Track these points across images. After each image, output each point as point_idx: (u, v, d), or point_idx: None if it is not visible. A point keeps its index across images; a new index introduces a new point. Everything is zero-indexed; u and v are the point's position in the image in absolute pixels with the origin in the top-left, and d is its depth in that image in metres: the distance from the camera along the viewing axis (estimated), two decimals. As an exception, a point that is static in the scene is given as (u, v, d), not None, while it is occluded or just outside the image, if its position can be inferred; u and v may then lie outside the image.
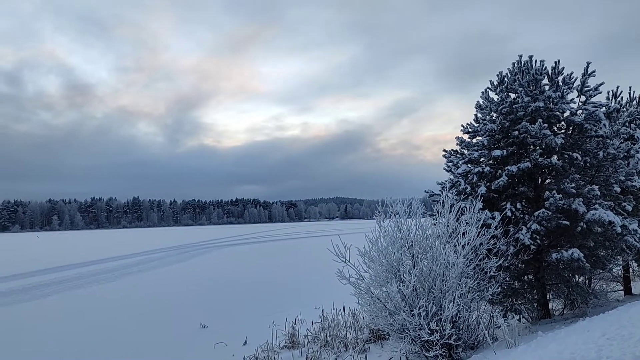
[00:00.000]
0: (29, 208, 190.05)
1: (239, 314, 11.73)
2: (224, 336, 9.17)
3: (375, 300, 6.76)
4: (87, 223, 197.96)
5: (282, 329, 8.88)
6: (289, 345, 8.14)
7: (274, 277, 19.25)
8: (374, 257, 6.94)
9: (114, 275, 21.22)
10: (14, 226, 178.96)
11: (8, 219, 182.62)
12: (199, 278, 19.83)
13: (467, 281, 6.34)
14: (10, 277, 20.97)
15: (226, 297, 14.35)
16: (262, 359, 7.28)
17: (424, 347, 6.26)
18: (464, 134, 8.65)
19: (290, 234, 70.35)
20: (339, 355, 7.34)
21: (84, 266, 25.76)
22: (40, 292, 16.45)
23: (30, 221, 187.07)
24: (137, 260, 28.94)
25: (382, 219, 7.21)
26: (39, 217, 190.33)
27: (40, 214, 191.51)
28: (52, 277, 20.60)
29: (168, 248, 41.19)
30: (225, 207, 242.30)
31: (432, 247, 6.81)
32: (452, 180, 8.20)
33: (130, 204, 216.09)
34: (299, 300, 12.83)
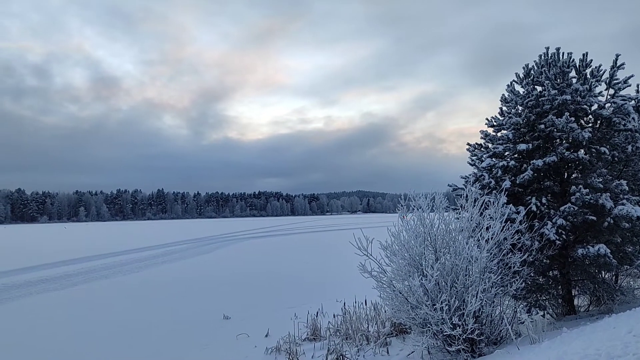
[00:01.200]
0: (57, 199, 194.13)
1: (261, 305, 11.83)
2: (246, 327, 9.27)
3: (397, 294, 6.75)
4: (112, 214, 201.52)
5: (304, 321, 8.94)
6: (311, 338, 8.20)
7: (296, 269, 19.35)
8: (396, 250, 6.93)
9: (139, 266, 21.58)
10: (42, 217, 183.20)
11: (37, 210, 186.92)
12: (222, 270, 20.05)
13: (490, 276, 6.28)
14: (40, 267, 21.51)
15: (248, 289, 14.48)
16: (284, 351, 7.33)
17: (446, 342, 6.24)
18: (489, 127, 8.56)
19: (312, 227, 70.56)
20: (361, 349, 7.36)
21: (109, 257, 26.25)
22: (68, 281, 16.83)
23: (58, 212, 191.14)
24: (161, 252, 29.37)
25: (404, 212, 7.19)
26: (66, 208, 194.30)
27: (67, 205, 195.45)
28: (79, 267, 21.05)
29: (191, 240, 41.69)
30: (248, 200, 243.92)
31: (455, 242, 6.76)
32: (476, 174, 8.12)
33: (155, 196, 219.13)
34: (321, 293, 12.89)
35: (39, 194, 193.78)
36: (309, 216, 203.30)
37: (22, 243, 44.46)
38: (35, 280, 17.22)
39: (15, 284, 16.21)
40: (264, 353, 7.59)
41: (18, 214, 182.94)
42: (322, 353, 7.14)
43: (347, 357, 6.83)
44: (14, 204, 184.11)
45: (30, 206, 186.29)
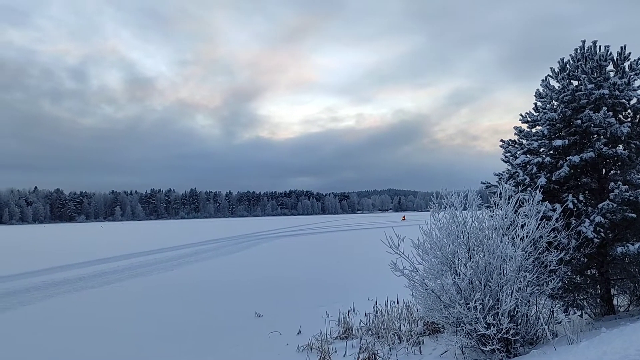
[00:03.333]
0: (94, 199, 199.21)
1: (292, 303, 11.88)
2: (278, 325, 9.32)
3: (429, 293, 6.69)
4: (147, 214, 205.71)
5: (336, 319, 8.94)
6: (343, 336, 8.19)
7: (327, 268, 19.37)
8: (428, 249, 6.86)
9: (172, 264, 21.96)
10: (80, 216, 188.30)
11: (75, 209, 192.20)
12: (254, 268, 20.22)
13: (525, 275, 6.16)
14: (79, 265, 22.10)
15: (280, 287, 14.57)
16: (315, 349, 7.35)
17: (480, 341, 6.15)
18: (523, 123, 8.39)
19: (343, 225, 70.51)
20: (393, 347, 7.32)
21: (143, 256, 26.78)
22: (104, 279, 17.25)
23: (94, 212, 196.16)
24: (194, 250, 29.81)
25: (436, 210, 7.12)
26: (102, 207, 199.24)
27: (104, 205, 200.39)
28: (115, 266, 21.55)
29: (224, 239, 42.19)
30: (279, 198, 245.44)
31: (489, 240, 6.66)
32: (509, 171, 7.97)
33: (188, 196, 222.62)
34: (352, 291, 12.87)
35: (77, 194, 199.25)
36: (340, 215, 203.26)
37: (61, 242, 45.80)
38: (73, 278, 17.70)
39: (55, 282, 16.70)
40: (295, 351, 7.62)
41: (57, 213, 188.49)
42: (354, 351, 7.12)
43: (379, 355, 6.80)
44: (53, 203, 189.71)
45: (68, 206, 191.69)
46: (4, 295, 14.15)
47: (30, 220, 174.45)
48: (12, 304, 12.85)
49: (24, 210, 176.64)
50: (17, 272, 19.37)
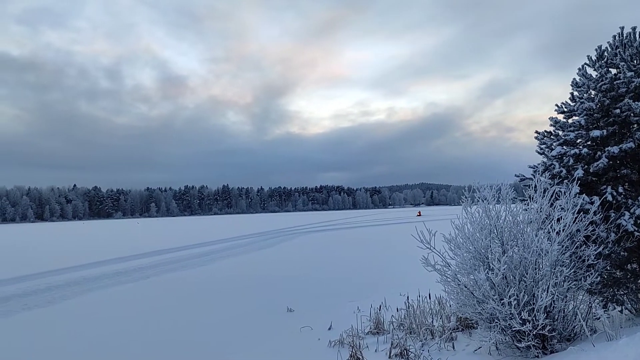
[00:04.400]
0: (130, 196, 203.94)
1: (324, 298, 11.88)
2: (309, 320, 9.32)
3: (462, 288, 6.58)
4: (181, 210, 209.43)
5: (367, 314, 8.88)
6: (374, 331, 8.13)
7: (359, 262, 19.31)
8: (461, 243, 6.75)
9: (206, 259, 22.26)
10: (117, 213, 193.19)
11: (112, 206, 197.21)
12: (285, 263, 20.33)
13: (562, 269, 6.00)
14: (116, 260, 22.64)
15: (312, 282, 14.59)
16: (347, 344, 7.32)
17: (515, 338, 6.03)
18: (559, 114, 8.14)
19: (374, 220, 70.24)
20: (425, 343, 7.24)
21: (178, 251, 27.25)
22: (140, 274, 17.61)
23: (130, 208, 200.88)
24: (227, 246, 30.16)
25: (469, 204, 6.99)
26: (138, 204, 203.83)
27: (139, 202, 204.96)
28: (150, 261, 21.98)
29: (255, 234, 42.55)
30: (310, 194, 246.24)
31: (524, 234, 6.51)
32: (545, 163, 7.76)
33: (220, 192, 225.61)
34: (384, 286, 12.78)
35: (114, 191, 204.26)
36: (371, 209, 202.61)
37: (99, 238, 47.03)
38: (111, 272, 18.13)
39: (94, 277, 17.14)
40: (327, 346, 7.61)
41: (95, 210, 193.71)
42: (386, 347, 7.06)
43: (411, 351, 6.72)
44: (91, 201, 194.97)
45: (105, 203, 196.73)
46: (46, 289, 14.59)
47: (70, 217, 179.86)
48: (54, 298, 13.24)
49: (64, 207, 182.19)
50: (59, 268, 19.97)
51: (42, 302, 12.68)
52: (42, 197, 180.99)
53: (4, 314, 11.38)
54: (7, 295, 13.67)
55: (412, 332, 7.77)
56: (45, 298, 13.19)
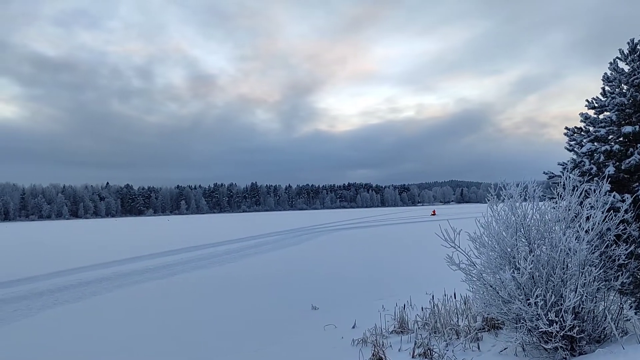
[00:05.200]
0: (161, 194, 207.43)
1: (349, 297, 11.84)
2: (333, 318, 9.31)
3: (487, 288, 6.46)
4: (210, 207, 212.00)
5: (392, 313, 8.81)
6: (398, 330, 8.06)
7: (385, 261, 19.20)
8: (486, 242, 6.62)
9: (233, 257, 22.46)
10: (148, 210, 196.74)
11: (143, 204, 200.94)
12: (311, 261, 20.35)
13: (591, 269, 5.82)
14: (146, 257, 23.05)
15: (337, 280, 14.56)
16: (370, 343, 7.27)
17: (542, 339, 5.88)
18: (589, 109, 7.92)
19: (401, 218, 69.76)
20: (450, 343, 7.13)
21: (206, 248, 27.57)
22: (168, 271, 17.89)
23: (161, 206, 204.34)
24: (255, 243, 30.38)
25: (494, 202, 6.85)
26: (169, 202, 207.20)
27: (170, 199, 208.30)
28: (179, 258, 22.30)
29: (283, 232, 42.74)
30: (338, 191, 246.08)
31: (552, 232, 6.35)
32: (574, 160, 7.56)
33: (249, 189, 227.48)
34: (410, 285, 12.67)
35: (145, 189, 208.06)
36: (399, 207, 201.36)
37: (130, 235, 47.96)
38: (141, 269, 18.46)
39: (124, 273, 17.48)
40: (350, 344, 7.58)
41: (127, 207, 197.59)
42: (409, 346, 6.99)
43: (435, 351, 6.63)
44: (124, 198, 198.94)
45: (137, 200, 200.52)
46: (78, 285, 14.94)
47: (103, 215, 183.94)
48: (85, 294, 13.55)
49: (97, 204, 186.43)
50: (90, 264, 20.44)
51: (72, 297, 12.98)
52: (76, 194, 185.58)
53: (37, 309, 11.69)
54: (40, 291, 14.05)
55: (437, 331, 7.67)
56: (76, 294, 13.50)
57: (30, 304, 12.28)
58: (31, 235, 54.04)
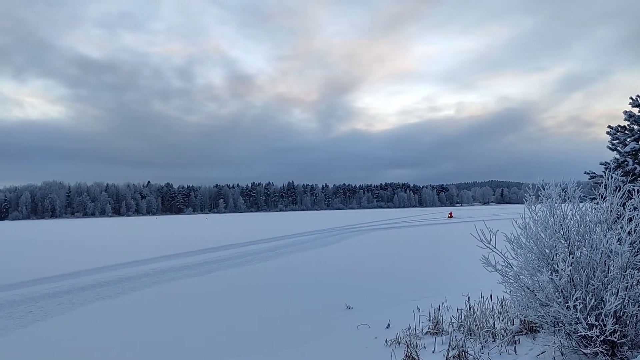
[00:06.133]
0: (200, 192, 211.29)
1: (383, 297, 11.78)
2: (367, 318, 9.27)
3: (524, 290, 6.32)
4: (248, 206, 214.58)
5: (426, 314, 8.73)
6: (432, 332, 7.96)
7: (422, 261, 19.00)
8: (523, 243, 6.47)
9: (269, 255, 22.66)
10: (187, 209, 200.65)
11: (182, 202, 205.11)
12: (347, 260, 20.33)
13: (634, 272, 5.62)
14: (184, 254, 23.52)
15: (372, 280, 14.51)
16: (404, 343, 7.21)
17: (582, 343, 5.71)
18: (633, 107, 7.65)
19: (438, 219, 68.88)
20: (485, 346, 7.00)
21: (243, 246, 27.92)
22: (205, 268, 18.21)
23: (200, 204, 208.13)
24: (291, 242, 30.57)
25: (532, 202, 6.70)
26: (207, 200, 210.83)
27: (208, 198, 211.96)
28: (216, 256, 22.67)
29: (319, 231, 42.86)
30: (374, 191, 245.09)
31: (592, 234, 6.16)
32: (617, 159, 7.32)
33: (286, 189, 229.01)
34: (446, 286, 12.50)
35: (185, 187, 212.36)
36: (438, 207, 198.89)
37: (170, 233, 49.01)
38: (178, 266, 18.84)
39: (162, 270, 17.88)
40: (383, 344, 7.54)
41: (167, 206, 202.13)
42: (443, 348, 6.90)
43: (469, 353, 6.53)
44: (164, 197, 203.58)
45: (177, 199, 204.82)
46: (118, 281, 15.37)
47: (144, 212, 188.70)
48: (124, 289, 13.93)
49: (138, 203, 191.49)
50: (131, 260, 21.02)
51: (113, 293, 13.37)
52: (119, 193, 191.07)
53: (79, 303, 12.09)
54: (83, 286, 14.52)
55: (472, 334, 7.54)
56: (117, 289, 13.90)
57: (72, 298, 12.71)
58: (76, 232, 55.92)
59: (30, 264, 21.27)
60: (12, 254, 27.81)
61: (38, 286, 14.68)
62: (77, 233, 52.75)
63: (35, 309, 11.51)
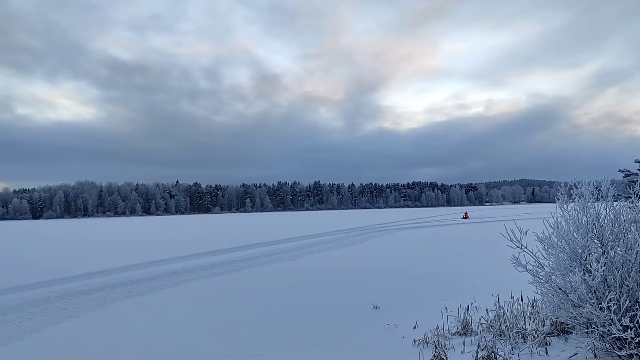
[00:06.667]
0: (227, 192, 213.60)
1: (411, 296, 11.69)
2: (394, 318, 9.22)
3: (556, 290, 6.19)
4: (274, 205, 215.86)
5: (455, 314, 8.64)
6: (461, 332, 7.87)
7: (450, 261, 18.80)
8: (555, 243, 6.35)
9: (295, 254, 22.73)
10: (215, 208, 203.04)
11: (210, 201, 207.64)
12: (374, 259, 20.25)
13: (671, 273, 5.46)
14: (211, 253, 23.79)
15: (399, 280, 14.42)
16: (432, 344, 7.15)
17: (616, 345, 5.58)
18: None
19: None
20: (515, 347, 6.89)
21: (270, 245, 28.09)
22: (232, 267, 18.40)
23: (228, 203, 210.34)
24: (317, 241, 30.62)
25: (565, 201, 6.56)
26: (234, 200, 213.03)
27: (235, 197, 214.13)
28: (243, 254, 22.87)
29: (345, 230, 42.82)
30: (401, 190, 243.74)
31: (627, 233, 6.00)
32: (654, 157, 7.10)
33: (312, 188, 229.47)
34: (475, 286, 12.35)
35: (212, 187, 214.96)
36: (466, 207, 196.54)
37: (198, 231, 49.64)
38: (206, 264, 19.07)
39: (191, 268, 18.11)
40: (411, 344, 7.48)
41: (195, 205, 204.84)
42: (472, 349, 6.81)
43: (499, 354, 6.43)
44: (192, 196, 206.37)
45: (205, 198, 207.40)
46: (148, 279, 15.63)
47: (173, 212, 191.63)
48: (154, 287, 14.16)
49: (167, 202, 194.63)
50: (160, 259, 21.36)
51: (143, 290, 13.61)
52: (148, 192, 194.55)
53: (111, 300, 12.34)
54: (114, 284, 14.81)
55: (502, 334, 7.43)
56: (147, 287, 14.14)
57: (104, 295, 12.97)
58: (107, 230, 57.12)
59: (64, 262, 21.80)
60: (47, 252, 28.55)
61: (72, 283, 15.03)
62: (108, 232, 53.87)
63: (69, 305, 11.79)
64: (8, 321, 10.28)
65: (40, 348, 8.34)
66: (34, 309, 11.42)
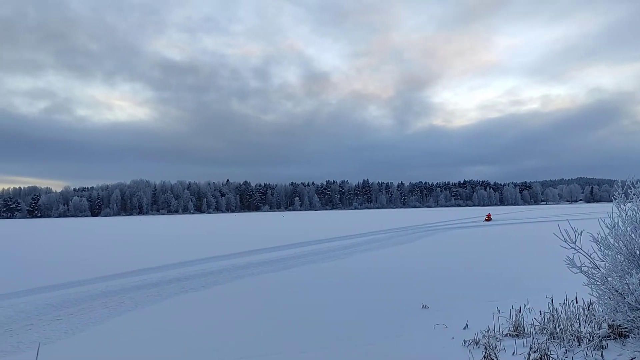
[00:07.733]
0: (276, 190, 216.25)
1: (461, 297, 11.55)
2: (444, 318, 9.16)
3: (612, 293, 6.02)
4: (323, 204, 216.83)
5: (506, 316, 8.51)
6: (513, 334, 7.75)
7: (502, 261, 18.42)
8: (611, 244, 6.17)
9: (344, 253, 22.81)
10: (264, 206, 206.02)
11: (260, 200, 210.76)
12: (424, 259, 20.08)
13: None
14: (261, 251, 24.23)
15: (449, 280, 14.26)
16: (482, 345, 7.08)
17: (677, 351, 5.37)
18: None
19: (522, 218, 66.20)
20: (569, 350, 6.74)
21: (319, 243, 28.34)
22: (282, 264, 18.69)
23: (277, 202, 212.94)
24: (366, 240, 30.62)
25: (622, 201, 6.37)
26: (283, 198, 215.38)
27: (284, 196, 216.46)
28: (292, 252, 23.18)
29: (395, 229, 42.57)
30: (452, 189, 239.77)
31: (689, 235, 5.76)
32: None
33: (361, 186, 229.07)
34: (528, 287, 12.07)
35: (262, 185, 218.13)
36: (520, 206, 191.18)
37: (249, 229, 50.54)
38: (256, 262, 19.45)
39: (241, 265, 18.53)
40: (460, 345, 7.43)
41: (245, 203, 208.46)
42: (524, 351, 6.71)
43: (552, 357, 6.31)
44: (242, 194, 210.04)
45: (254, 197, 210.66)
46: (201, 275, 16.11)
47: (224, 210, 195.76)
48: (207, 282, 14.60)
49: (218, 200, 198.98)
50: (213, 255, 21.97)
51: (197, 286, 14.05)
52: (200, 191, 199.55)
53: (166, 295, 12.82)
54: (169, 279, 15.35)
55: (556, 337, 7.27)
56: (200, 283, 14.59)
57: (160, 290, 13.47)
58: (161, 228, 58.99)
59: (122, 258, 22.74)
60: (105, 248, 29.80)
61: (129, 278, 15.70)
62: (162, 229, 55.64)
63: (127, 299, 12.32)
64: (71, 313, 10.86)
65: (101, 339, 8.78)
66: (94, 302, 12.01)
